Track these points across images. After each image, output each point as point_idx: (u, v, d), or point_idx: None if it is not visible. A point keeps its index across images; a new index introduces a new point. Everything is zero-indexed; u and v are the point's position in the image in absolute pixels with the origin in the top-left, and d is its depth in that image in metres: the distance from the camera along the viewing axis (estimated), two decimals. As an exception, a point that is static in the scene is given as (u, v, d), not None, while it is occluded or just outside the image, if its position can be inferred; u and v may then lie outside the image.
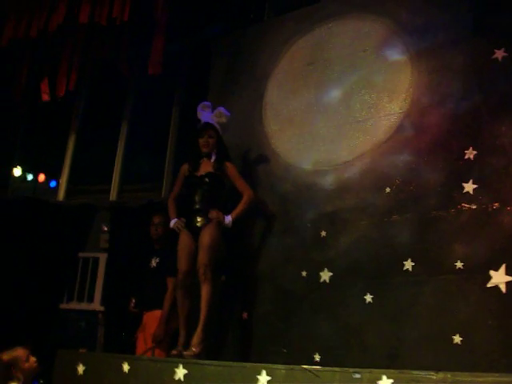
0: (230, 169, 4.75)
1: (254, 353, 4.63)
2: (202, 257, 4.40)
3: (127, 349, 5.22)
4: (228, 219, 4.54)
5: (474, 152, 4.08)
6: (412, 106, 4.46)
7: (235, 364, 3.42)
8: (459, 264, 3.96)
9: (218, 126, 4.80)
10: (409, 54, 4.59)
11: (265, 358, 4.25)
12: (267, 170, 5.08)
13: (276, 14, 6.02)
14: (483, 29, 4.35)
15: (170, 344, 4.88)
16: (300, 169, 4.88)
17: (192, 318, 4.47)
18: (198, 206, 4.59)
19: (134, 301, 5.47)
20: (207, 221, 4.50)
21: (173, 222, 4.69)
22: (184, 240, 4.56)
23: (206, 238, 4.45)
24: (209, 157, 4.75)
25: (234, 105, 5.31)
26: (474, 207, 4.00)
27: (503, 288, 3.77)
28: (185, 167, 4.84)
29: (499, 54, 4.23)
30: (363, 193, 4.48)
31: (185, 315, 4.50)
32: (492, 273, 3.80)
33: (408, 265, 4.15)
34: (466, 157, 4.11)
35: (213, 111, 4.86)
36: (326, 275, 4.50)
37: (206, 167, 4.71)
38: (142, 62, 6.43)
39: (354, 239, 4.43)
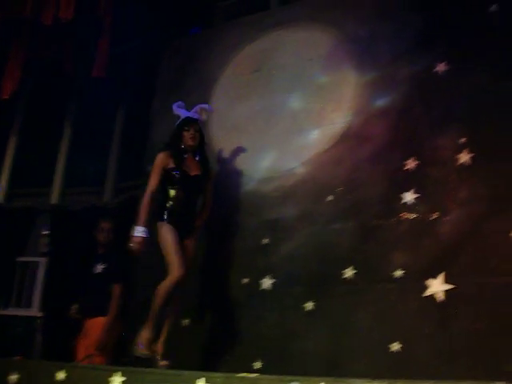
0: (211, 177, 4.54)
1: (194, 360, 4.57)
2: (189, 263, 4.17)
3: (66, 356, 5.09)
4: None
5: (415, 163, 4.16)
6: (355, 116, 4.52)
7: (174, 372, 3.40)
8: (399, 272, 4.01)
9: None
10: (354, 65, 4.65)
11: (205, 365, 4.25)
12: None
13: (225, 20, 6.02)
14: (426, 42, 4.45)
15: (112, 351, 4.79)
16: (244, 175, 4.89)
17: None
18: (185, 208, 4.26)
19: (75, 307, 5.32)
20: (193, 226, 4.32)
21: (139, 232, 4.10)
22: (175, 233, 4.13)
23: (192, 249, 4.29)
24: (193, 154, 4.40)
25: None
26: (414, 216, 4.06)
27: (441, 296, 3.84)
28: (164, 158, 4.30)
29: (441, 67, 4.32)
30: (306, 201, 4.51)
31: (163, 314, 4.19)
32: (430, 281, 3.86)
33: (349, 273, 4.18)
34: (407, 167, 4.18)
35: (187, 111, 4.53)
36: (267, 282, 4.49)
37: (193, 166, 4.34)
38: (86, 64, 6.32)
39: (296, 247, 4.44)
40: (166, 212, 4.18)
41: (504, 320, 3.60)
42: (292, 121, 4.79)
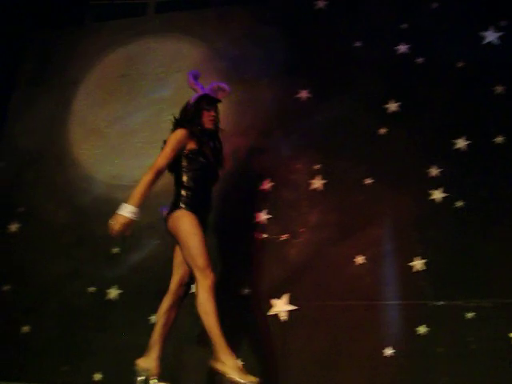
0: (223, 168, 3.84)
1: (32, 370, 4.36)
2: None
3: None
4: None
5: (271, 184, 4.25)
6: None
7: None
8: (246, 291, 4.08)
9: None
10: (221, 82, 4.67)
11: (43, 375, 4.12)
12: (65, 180, 4.89)
13: (95, 20, 5.86)
14: (292, 68, 4.60)
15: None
16: (99, 181, 4.77)
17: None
18: (210, 202, 3.62)
19: None
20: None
21: (129, 212, 3.34)
22: (201, 231, 3.42)
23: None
24: (213, 138, 3.74)
25: (39, 107, 5.10)
26: (266, 236, 4.15)
27: (284, 316, 3.94)
28: (185, 136, 3.55)
29: (303, 94, 4.48)
30: (158, 212, 4.45)
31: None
32: (274, 301, 3.96)
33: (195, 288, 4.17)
34: (262, 188, 4.27)
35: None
36: (114, 293, 4.41)
37: (214, 150, 3.72)
38: None
39: (146, 257, 4.41)
40: (182, 199, 3.46)
41: (339, 341, 3.77)
42: (152, 131, 4.75)
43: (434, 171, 4.09)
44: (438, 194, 4.03)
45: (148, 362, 3.47)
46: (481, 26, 4.38)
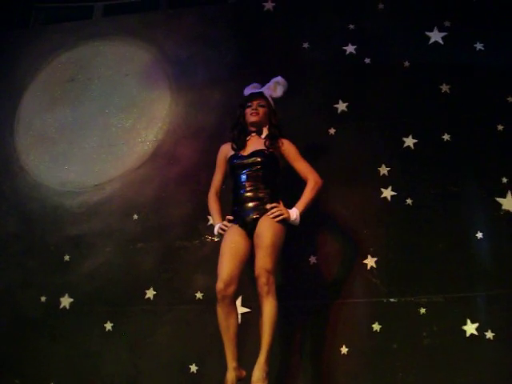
0: (288, 146, 3.67)
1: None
2: (264, 260, 3.27)
3: None
4: (295, 214, 3.45)
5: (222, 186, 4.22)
6: (167, 136, 4.57)
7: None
8: (199, 295, 4.08)
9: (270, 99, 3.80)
10: (169, 85, 4.69)
11: None
12: (13, 187, 4.77)
13: (42, 23, 5.75)
14: (241, 69, 4.60)
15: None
16: (48, 188, 4.67)
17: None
18: (248, 194, 3.51)
19: None
20: (263, 212, 3.43)
21: (217, 228, 3.55)
22: (233, 234, 3.44)
23: (267, 234, 3.34)
24: (259, 132, 3.72)
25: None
26: (217, 240, 4.13)
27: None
28: (226, 148, 3.76)
29: (253, 96, 4.47)
30: (111, 218, 4.44)
31: (233, 338, 3.31)
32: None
33: (150, 293, 4.17)
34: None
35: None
36: (66, 301, 4.34)
37: (256, 144, 3.65)
38: None
39: (98, 265, 4.35)
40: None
41: (295, 341, 3.79)
42: (103, 135, 4.69)
43: (383, 170, 4.15)
44: (387, 193, 4.10)
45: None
46: (426, 26, 4.46)
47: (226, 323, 3.31)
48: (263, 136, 3.68)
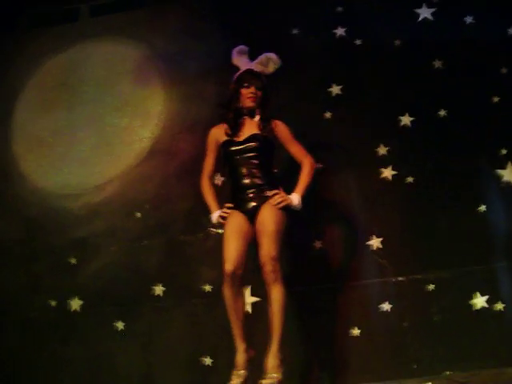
0: (281, 127, 3.57)
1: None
2: (269, 247, 3.22)
3: None
4: (296, 199, 3.40)
5: (221, 179, 4.22)
6: (163, 132, 4.54)
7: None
8: (208, 287, 4.09)
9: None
10: (162, 81, 4.66)
11: None
12: (13, 194, 4.74)
13: (32, 27, 5.71)
14: (230, 60, 4.56)
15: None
16: (48, 192, 4.65)
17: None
18: (247, 181, 3.43)
19: None
20: (264, 200, 3.38)
21: (216, 216, 3.50)
22: (236, 220, 3.38)
23: (270, 221, 3.29)
24: (252, 115, 3.58)
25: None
26: (221, 231, 4.12)
27: (249, 309, 3.95)
28: (217, 132, 3.61)
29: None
30: (113, 218, 4.44)
31: (241, 319, 3.32)
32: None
33: (158, 290, 4.20)
34: (215, 183, 4.23)
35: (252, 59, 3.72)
36: (76, 304, 4.36)
37: (250, 128, 3.53)
38: None
39: (104, 265, 4.36)
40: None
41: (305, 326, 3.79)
42: (99, 136, 4.67)
43: (382, 150, 4.15)
44: (387, 172, 4.10)
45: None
46: (414, 3, 4.44)
47: (234, 305, 3.29)
48: (256, 119, 3.56)
